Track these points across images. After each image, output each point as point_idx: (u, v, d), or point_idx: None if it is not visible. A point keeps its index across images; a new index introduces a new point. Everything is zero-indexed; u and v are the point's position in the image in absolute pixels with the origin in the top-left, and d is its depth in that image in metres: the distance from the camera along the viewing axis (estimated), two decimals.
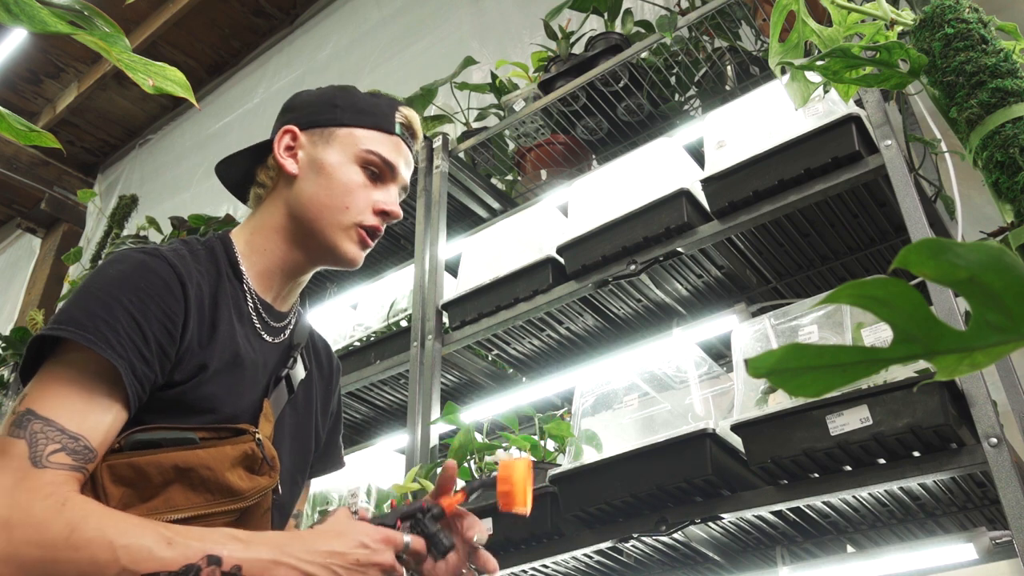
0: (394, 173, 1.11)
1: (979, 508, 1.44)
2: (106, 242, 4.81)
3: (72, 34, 0.74)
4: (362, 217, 1.07)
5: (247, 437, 0.96)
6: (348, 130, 1.10)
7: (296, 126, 1.11)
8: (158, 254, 0.98)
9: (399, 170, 1.12)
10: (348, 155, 1.09)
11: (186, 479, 0.91)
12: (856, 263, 1.84)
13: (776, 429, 1.34)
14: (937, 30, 1.09)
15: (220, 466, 0.93)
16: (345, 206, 1.07)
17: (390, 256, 2.82)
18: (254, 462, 0.97)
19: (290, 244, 1.09)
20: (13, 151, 5.24)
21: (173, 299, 0.95)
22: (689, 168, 1.89)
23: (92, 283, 0.94)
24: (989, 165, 0.99)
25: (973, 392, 1.24)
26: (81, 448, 0.85)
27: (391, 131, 1.12)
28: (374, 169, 1.10)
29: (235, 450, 0.94)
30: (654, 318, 2.07)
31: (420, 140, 1.19)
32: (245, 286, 1.06)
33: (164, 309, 0.94)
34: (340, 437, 1.28)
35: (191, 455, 0.91)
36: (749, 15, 2.13)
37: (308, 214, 1.07)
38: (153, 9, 4.64)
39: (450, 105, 2.72)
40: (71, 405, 0.87)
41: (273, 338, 1.09)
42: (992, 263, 0.36)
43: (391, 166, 1.11)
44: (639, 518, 1.52)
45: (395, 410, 2.54)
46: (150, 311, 0.93)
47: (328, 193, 1.07)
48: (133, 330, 0.90)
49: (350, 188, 1.07)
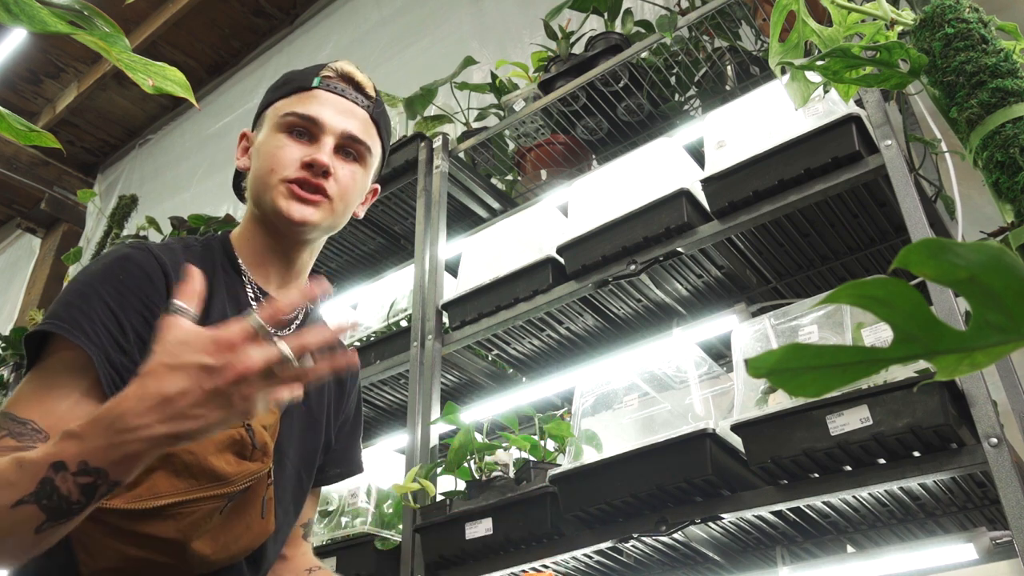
0: (319, 125, 1.11)
1: (979, 508, 1.44)
2: (106, 242, 4.81)
3: (72, 34, 0.74)
4: (285, 173, 1.09)
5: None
6: (272, 107, 1.14)
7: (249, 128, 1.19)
8: (142, 247, 1.01)
9: (323, 120, 1.11)
10: (271, 127, 1.12)
11: (169, 465, 0.91)
12: (856, 263, 1.84)
13: (776, 429, 1.34)
14: (937, 30, 1.08)
15: (203, 451, 0.93)
16: (270, 169, 1.09)
17: (390, 256, 2.82)
18: (243, 447, 0.96)
19: (258, 225, 1.13)
20: (13, 151, 5.24)
21: (154, 289, 0.98)
22: (689, 168, 1.89)
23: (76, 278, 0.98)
24: (989, 165, 0.99)
25: (973, 392, 1.24)
26: (28, 431, 0.87)
27: (307, 87, 1.13)
28: (298, 129, 1.11)
29: (220, 436, 0.94)
30: (654, 318, 2.07)
31: (366, 84, 1.18)
32: (244, 278, 1.09)
33: (143, 299, 0.96)
34: (359, 441, 1.29)
35: None
36: (749, 15, 2.13)
37: (254, 193, 1.12)
38: (153, 9, 4.64)
39: (450, 105, 2.72)
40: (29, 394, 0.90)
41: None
42: (992, 263, 0.36)
43: (311, 119, 1.10)
44: (639, 518, 1.52)
45: (395, 410, 2.54)
46: (127, 301, 0.95)
47: (259, 166, 1.11)
48: (108, 319, 0.93)
49: (272, 153, 1.10)
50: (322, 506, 2.08)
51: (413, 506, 1.83)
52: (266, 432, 1.00)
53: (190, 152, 5.03)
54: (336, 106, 1.12)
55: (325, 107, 1.11)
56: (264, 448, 0.99)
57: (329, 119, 1.11)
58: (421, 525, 1.77)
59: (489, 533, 1.64)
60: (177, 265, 1.01)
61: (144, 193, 5.15)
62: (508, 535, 1.62)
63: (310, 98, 1.12)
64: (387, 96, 2.71)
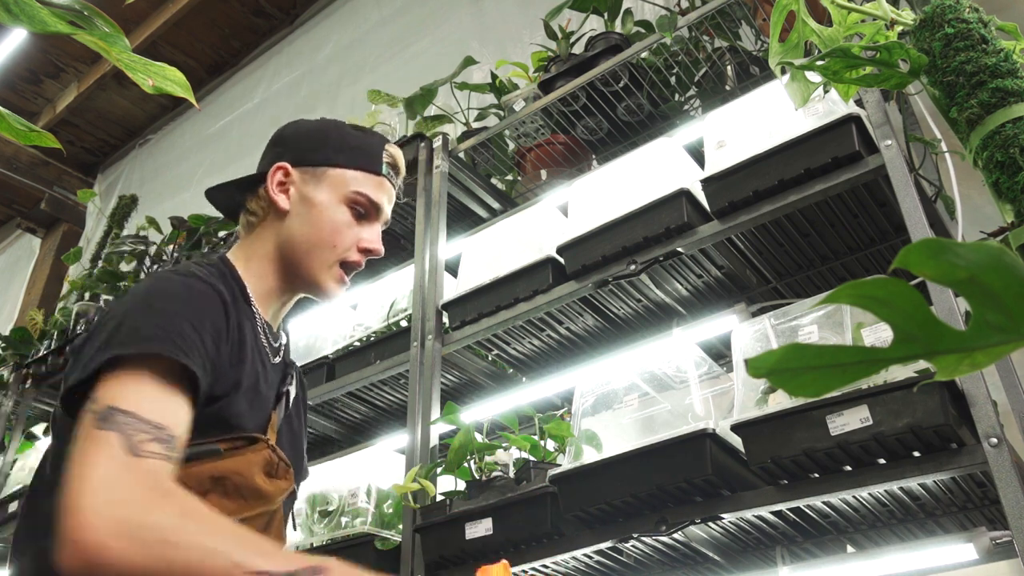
0: (379, 212, 1.18)
1: (979, 508, 1.43)
2: (106, 242, 4.81)
3: (72, 34, 0.74)
4: (347, 254, 1.14)
5: (262, 444, 1.01)
6: (339, 171, 1.16)
7: (289, 163, 1.17)
8: (201, 275, 1.03)
9: (383, 208, 1.18)
10: (337, 195, 1.14)
11: (220, 487, 0.95)
12: (856, 263, 1.84)
13: (776, 429, 1.34)
14: (937, 30, 1.08)
15: (249, 472, 0.97)
16: (333, 244, 1.13)
17: (390, 256, 2.81)
18: (272, 466, 1.02)
19: (279, 273, 1.15)
20: (13, 151, 5.24)
21: (220, 315, 1.01)
22: (689, 168, 1.89)
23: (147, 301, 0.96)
24: (989, 165, 0.99)
25: (973, 392, 1.24)
26: (167, 437, 0.87)
27: (378, 172, 1.18)
28: (360, 209, 1.15)
29: (257, 456, 0.99)
30: (654, 318, 2.07)
31: (403, 176, 1.25)
32: (253, 308, 1.12)
33: (214, 323, 0.99)
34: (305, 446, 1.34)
35: (222, 465, 0.96)
36: (749, 15, 2.13)
37: (298, 250, 1.13)
38: (153, 9, 4.64)
39: (450, 105, 2.72)
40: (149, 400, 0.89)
41: (274, 357, 1.15)
42: (992, 263, 0.36)
43: (377, 206, 1.17)
44: (639, 518, 1.52)
45: (395, 410, 2.54)
46: (205, 324, 0.97)
47: (317, 232, 1.13)
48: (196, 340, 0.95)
49: (338, 227, 1.13)
50: (322, 506, 2.08)
51: (413, 506, 1.83)
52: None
53: (190, 152, 5.03)
54: (389, 195, 1.20)
55: (384, 195, 1.19)
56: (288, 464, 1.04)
57: (386, 208, 1.19)
58: (421, 525, 1.77)
59: (489, 533, 1.64)
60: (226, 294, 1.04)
61: (144, 193, 5.15)
62: (508, 535, 1.62)
63: (379, 184, 1.18)
64: (387, 96, 2.72)
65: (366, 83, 3.82)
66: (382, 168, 1.18)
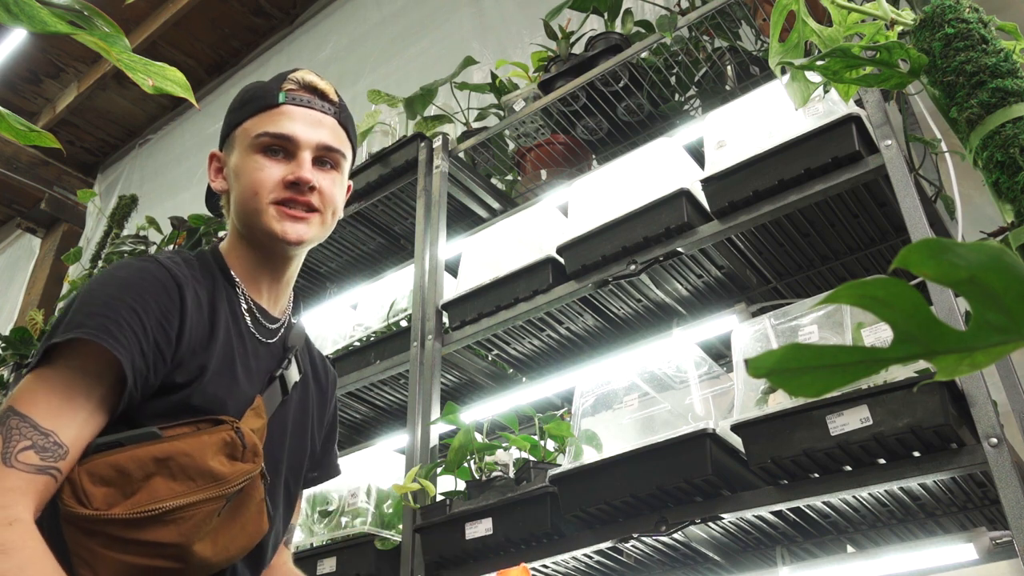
0: (294, 141, 1.11)
1: (979, 508, 1.43)
2: (106, 242, 4.81)
3: (72, 34, 0.74)
4: (272, 195, 1.11)
5: (225, 426, 0.99)
6: (240, 127, 1.15)
7: (218, 149, 1.20)
8: (155, 261, 1.04)
9: (298, 136, 1.12)
10: (244, 148, 1.13)
11: (166, 469, 0.93)
12: (856, 263, 1.84)
13: (776, 429, 1.34)
14: (937, 30, 1.08)
15: (201, 453, 0.95)
16: (254, 192, 1.11)
17: (390, 256, 2.82)
18: (235, 449, 0.99)
19: (247, 245, 1.15)
20: (13, 151, 5.24)
21: (170, 301, 1.00)
22: (689, 168, 1.89)
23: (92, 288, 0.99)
24: (989, 165, 0.99)
25: (973, 392, 1.24)
26: (50, 444, 0.88)
27: (274, 104, 1.13)
28: (272, 149, 1.12)
29: (213, 438, 0.97)
30: (654, 318, 2.07)
31: (329, 91, 1.18)
32: (238, 289, 1.12)
33: (161, 309, 0.98)
34: (335, 446, 1.33)
35: (168, 446, 0.94)
36: (749, 15, 2.13)
37: (240, 214, 1.13)
38: (153, 9, 4.64)
39: (450, 105, 2.72)
40: (47, 401, 0.90)
41: (267, 339, 1.14)
42: (992, 263, 0.36)
43: (285, 137, 1.11)
44: (639, 518, 1.52)
45: (395, 410, 2.54)
46: (149, 311, 0.97)
47: (241, 189, 1.12)
48: (136, 326, 0.95)
49: (252, 176, 1.11)
50: (322, 506, 2.08)
51: (413, 506, 1.83)
52: (254, 435, 1.03)
53: (190, 152, 5.02)
54: (306, 119, 1.13)
55: (296, 122, 1.12)
56: (254, 449, 1.01)
57: (303, 134, 1.12)
58: (421, 525, 1.77)
59: (489, 533, 1.64)
60: (187, 279, 1.04)
61: (144, 193, 5.15)
62: (508, 535, 1.62)
63: (279, 115, 1.12)
64: (387, 96, 2.72)
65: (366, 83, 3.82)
66: (278, 98, 1.13)
